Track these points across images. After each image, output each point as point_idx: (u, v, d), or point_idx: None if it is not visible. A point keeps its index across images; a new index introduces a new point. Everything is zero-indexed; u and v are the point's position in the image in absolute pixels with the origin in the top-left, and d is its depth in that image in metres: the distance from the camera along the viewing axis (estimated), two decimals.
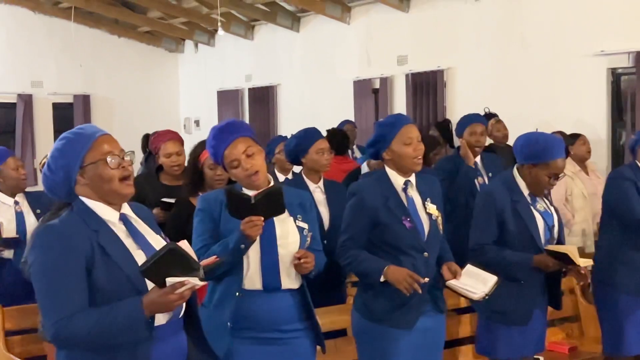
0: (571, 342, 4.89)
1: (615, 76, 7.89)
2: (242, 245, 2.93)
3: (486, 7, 8.92)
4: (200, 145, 3.94)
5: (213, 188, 3.77)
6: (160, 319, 2.40)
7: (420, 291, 3.22)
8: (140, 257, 2.37)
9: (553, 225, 3.83)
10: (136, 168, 4.96)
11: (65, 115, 13.12)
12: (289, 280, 3.07)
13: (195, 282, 2.23)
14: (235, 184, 3.13)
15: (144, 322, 2.28)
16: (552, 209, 3.89)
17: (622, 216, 4.20)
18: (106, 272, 2.33)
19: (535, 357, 4.25)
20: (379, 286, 3.34)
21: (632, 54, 7.47)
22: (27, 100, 13.00)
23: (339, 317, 4.05)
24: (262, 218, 2.92)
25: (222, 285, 3.05)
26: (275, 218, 3.01)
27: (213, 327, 2.92)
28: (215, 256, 2.43)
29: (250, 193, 2.98)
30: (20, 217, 4.68)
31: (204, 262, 2.36)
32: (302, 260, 3.00)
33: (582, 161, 6.55)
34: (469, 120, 5.41)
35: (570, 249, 3.67)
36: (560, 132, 7.14)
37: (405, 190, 3.41)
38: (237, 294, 3.00)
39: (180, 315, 2.51)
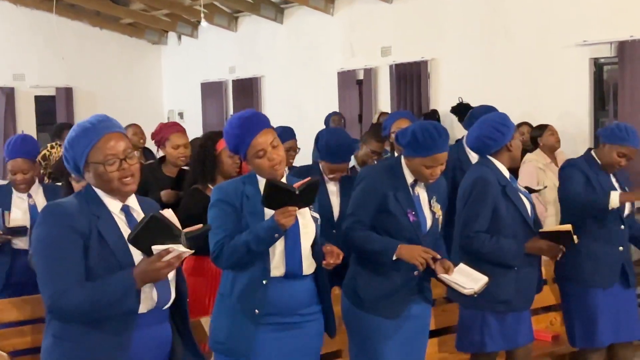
0: (554, 331, 4.93)
1: (598, 66, 7.93)
2: (276, 235, 2.97)
3: None
4: (215, 134, 4.02)
5: (229, 177, 3.85)
6: (141, 308, 2.46)
7: (433, 266, 3.32)
8: (134, 248, 2.45)
9: (533, 204, 3.90)
10: None
11: (48, 108, 13.03)
12: (309, 267, 3.14)
13: (179, 249, 2.30)
14: (250, 174, 3.15)
15: (134, 292, 2.38)
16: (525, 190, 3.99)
17: (567, 201, 4.23)
18: (99, 255, 2.43)
19: None
20: (373, 272, 3.43)
21: (614, 43, 7.50)
22: (8, 93, 12.90)
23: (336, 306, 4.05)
24: (297, 208, 2.96)
25: (246, 274, 3.07)
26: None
27: (240, 315, 3.04)
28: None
29: (294, 184, 3.00)
30: (33, 210, 4.71)
31: (188, 229, 2.40)
32: (333, 261, 3.06)
33: (551, 152, 6.56)
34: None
35: (567, 227, 3.72)
36: (527, 123, 7.14)
37: (413, 186, 3.48)
38: (263, 281, 3.05)
39: (166, 307, 2.56)
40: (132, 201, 2.59)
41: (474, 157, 5.08)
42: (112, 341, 2.42)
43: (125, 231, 2.48)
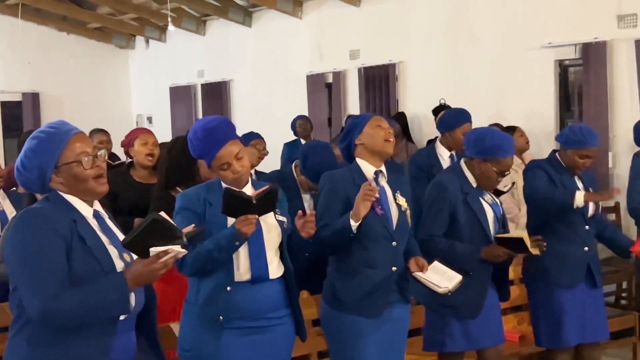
0: (522, 330, 4.97)
1: (563, 68, 8.02)
2: (237, 243, 2.98)
3: (436, 1, 9.00)
4: None
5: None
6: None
7: (377, 187, 3.31)
8: (113, 253, 2.46)
9: (501, 216, 3.90)
10: None
11: (14, 113, 12.89)
12: (275, 270, 3.16)
13: (178, 249, 2.32)
14: (214, 180, 3.19)
15: (127, 294, 2.36)
16: (498, 200, 3.96)
17: (532, 199, 4.26)
18: (82, 260, 2.39)
19: None
20: (351, 273, 3.41)
21: (578, 45, 7.59)
22: None
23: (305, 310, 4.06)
24: (257, 216, 2.98)
25: (210, 281, 3.09)
26: None
27: (204, 322, 3.06)
28: (193, 225, 2.48)
29: (249, 192, 3.05)
30: (3, 215, 4.62)
31: (185, 230, 2.44)
32: (309, 219, 3.08)
33: (521, 152, 6.65)
34: (463, 118, 5.32)
35: (523, 234, 3.73)
36: (497, 125, 7.24)
37: (376, 180, 3.46)
38: (228, 288, 3.06)
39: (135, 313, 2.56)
40: (98, 205, 2.58)
41: (445, 160, 5.14)
42: (94, 345, 2.40)
43: (102, 237, 2.47)
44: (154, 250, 2.30)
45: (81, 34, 13.62)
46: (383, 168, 3.53)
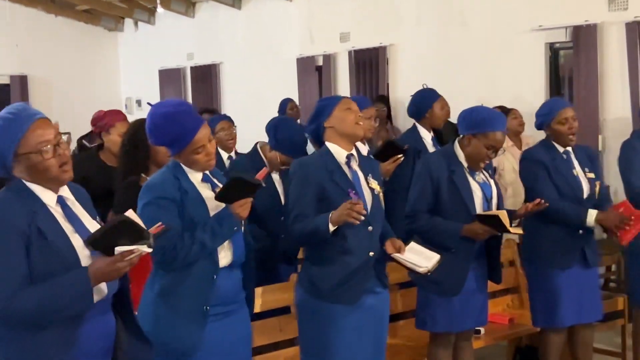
0: (511, 313, 4.99)
1: (553, 51, 8.02)
2: (235, 228, 2.93)
3: None
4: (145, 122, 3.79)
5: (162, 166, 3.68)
6: None
7: (364, 212, 3.22)
8: (76, 241, 2.38)
9: (491, 197, 3.89)
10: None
11: (2, 96, 12.79)
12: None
13: (143, 249, 2.30)
14: (175, 166, 3.02)
15: (90, 292, 2.30)
16: (491, 181, 3.96)
17: (532, 199, 4.21)
18: (42, 253, 2.32)
19: (476, 328, 4.35)
20: (328, 260, 3.37)
21: (569, 28, 7.59)
22: None
23: (282, 296, 4.06)
24: (251, 199, 2.94)
25: (192, 271, 2.94)
26: None
27: (183, 314, 2.92)
28: (160, 223, 2.42)
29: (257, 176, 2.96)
30: None
31: (153, 229, 2.39)
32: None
33: (516, 135, 6.66)
34: (435, 94, 5.30)
35: (499, 212, 3.72)
36: (501, 107, 7.27)
37: (348, 164, 3.43)
38: (214, 276, 2.96)
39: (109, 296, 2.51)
40: (65, 191, 2.47)
41: (429, 143, 5.14)
42: (61, 337, 2.33)
43: (65, 226, 2.38)
44: (119, 249, 2.26)
45: (69, 16, 13.50)
46: (354, 151, 3.49)
